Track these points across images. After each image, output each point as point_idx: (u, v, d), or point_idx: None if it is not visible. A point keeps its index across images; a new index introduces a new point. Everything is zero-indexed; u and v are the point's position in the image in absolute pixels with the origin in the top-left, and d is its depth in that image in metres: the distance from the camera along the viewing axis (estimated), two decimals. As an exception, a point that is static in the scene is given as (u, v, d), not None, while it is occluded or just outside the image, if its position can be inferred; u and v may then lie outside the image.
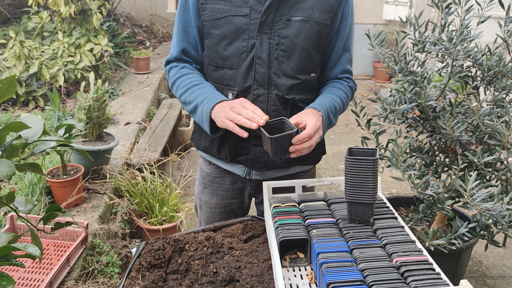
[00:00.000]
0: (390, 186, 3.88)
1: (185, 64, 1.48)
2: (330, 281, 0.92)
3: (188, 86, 1.40)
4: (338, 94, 1.44)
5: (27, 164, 1.08)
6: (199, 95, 1.36)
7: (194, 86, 1.40)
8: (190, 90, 1.39)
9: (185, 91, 1.41)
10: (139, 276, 1.15)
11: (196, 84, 1.40)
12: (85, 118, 2.76)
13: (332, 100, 1.41)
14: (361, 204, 1.12)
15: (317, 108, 1.34)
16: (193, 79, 1.42)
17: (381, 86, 6.96)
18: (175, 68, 1.47)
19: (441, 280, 0.92)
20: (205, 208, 1.63)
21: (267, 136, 1.18)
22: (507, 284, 2.70)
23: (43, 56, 4.33)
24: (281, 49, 1.35)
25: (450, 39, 1.74)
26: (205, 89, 1.38)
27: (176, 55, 1.48)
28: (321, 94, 1.45)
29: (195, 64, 1.50)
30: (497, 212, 1.49)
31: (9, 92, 0.97)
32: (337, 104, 1.41)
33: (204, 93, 1.36)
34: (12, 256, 0.90)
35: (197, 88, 1.39)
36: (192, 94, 1.38)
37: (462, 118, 1.80)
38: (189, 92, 1.39)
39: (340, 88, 1.47)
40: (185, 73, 1.44)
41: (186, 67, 1.46)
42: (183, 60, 1.48)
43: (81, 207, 2.55)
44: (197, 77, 1.43)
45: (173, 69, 1.48)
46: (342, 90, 1.47)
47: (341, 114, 1.50)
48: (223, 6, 1.34)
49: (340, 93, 1.45)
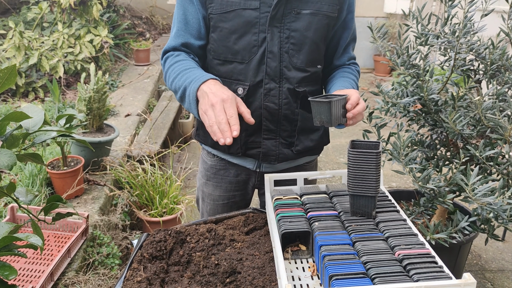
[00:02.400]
0: (390, 179, 3.88)
1: (180, 52, 1.40)
2: (333, 273, 0.92)
3: (179, 71, 1.30)
4: (351, 78, 1.47)
5: (27, 154, 1.07)
6: (188, 78, 1.26)
7: (185, 70, 1.29)
8: (180, 75, 1.29)
9: (175, 77, 1.31)
10: (141, 268, 1.15)
11: (187, 68, 1.30)
12: (85, 110, 2.75)
13: (351, 82, 1.44)
14: (364, 197, 1.12)
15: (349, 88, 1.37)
16: (185, 65, 1.32)
17: (382, 80, 6.94)
18: (170, 57, 1.39)
19: (444, 273, 0.92)
20: (208, 200, 1.63)
21: (324, 102, 1.16)
22: (506, 277, 2.71)
23: (43, 47, 4.31)
24: (291, 43, 1.34)
25: (453, 32, 1.73)
26: (195, 71, 1.27)
27: (174, 45, 1.40)
28: (336, 80, 1.45)
29: (193, 55, 1.42)
30: (498, 206, 1.49)
31: (10, 82, 0.96)
32: (354, 86, 1.44)
33: (193, 74, 1.26)
34: (14, 247, 0.90)
35: (187, 72, 1.29)
36: (181, 78, 1.28)
37: (464, 112, 1.79)
38: (179, 77, 1.29)
39: (351, 73, 1.49)
40: (178, 60, 1.36)
41: (182, 55, 1.38)
42: (182, 51, 1.41)
43: (82, 199, 2.55)
44: (190, 63, 1.33)
45: (168, 59, 1.39)
46: (353, 74, 1.49)
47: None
48: None
49: (352, 77, 1.48)
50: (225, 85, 1.30)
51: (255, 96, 1.38)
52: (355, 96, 1.24)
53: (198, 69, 1.30)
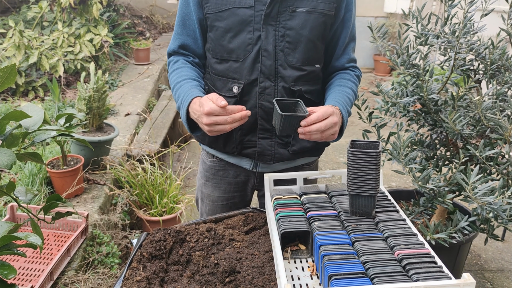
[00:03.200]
0: (390, 179, 3.88)
1: (179, 58, 1.48)
2: (332, 273, 0.92)
3: (174, 83, 1.42)
4: (348, 85, 1.44)
5: (27, 154, 1.07)
6: (179, 96, 1.37)
7: (177, 83, 1.40)
8: (174, 89, 1.40)
9: (172, 89, 1.43)
10: (140, 267, 1.15)
11: (178, 82, 1.40)
12: (85, 109, 2.75)
13: (345, 93, 1.41)
14: (363, 197, 1.12)
15: (333, 104, 1.33)
16: (178, 75, 1.42)
17: (382, 79, 6.94)
18: (170, 63, 1.49)
19: (443, 274, 0.92)
20: (207, 201, 1.63)
21: (278, 112, 1.18)
22: (505, 277, 2.71)
23: (43, 46, 4.31)
24: (286, 41, 1.34)
25: (453, 32, 1.73)
26: (182, 89, 1.37)
27: (174, 48, 1.49)
28: (332, 89, 1.44)
29: (192, 57, 1.49)
30: (498, 206, 1.49)
31: (9, 81, 0.96)
32: (350, 96, 1.42)
33: (180, 94, 1.36)
34: (14, 246, 0.90)
35: (178, 87, 1.39)
36: (175, 94, 1.40)
37: (464, 111, 1.79)
38: (174, 91, 1.41)
39: (349, 79, 1.47)
40: (175, 68, 1.45)
41: (179, 61, 1.47)
42: (180, 53, 1.49)
43: (81, 198, 2.55)
44: (182, 72, 1.43)
45: (170, 65, 1.50)
46: (351, 81, 1.47)
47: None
48: None
49: (350, 84, 1.45)
50: (221, 83, 1.41)
51: (250, 95, 1.39)
52: (317, 114, 1.20)
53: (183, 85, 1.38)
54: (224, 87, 1.41)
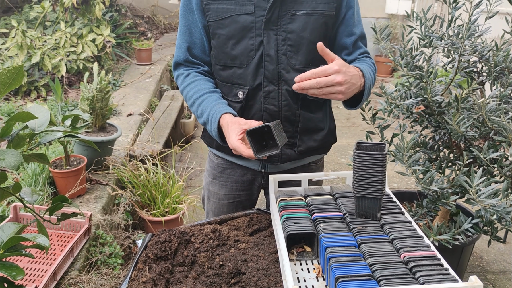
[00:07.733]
0: (392, 180, 3.88)
1: (190, 70, 1.46)
2: (339, 275, 0.92)
3: (193, 99, 1.41)
4: (368, 63, 1.41)
5: (33, 155, 1.07)
6: (203, 112, 1.37)
7: (198, 98, 1.40)
8: (195, 104, 1.40)
9: (192, 104, 1.42)
10: (146, 268, 1.15)
11: (198, 97, 1.39)
12: (88, 109, 2.75)
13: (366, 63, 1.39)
14: (369, 199, 1.12)
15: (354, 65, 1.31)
16: (196, 89, 1.41)
17: (383, 80, 6.94)
18: (181, 76, 1.46)
19: (450, 276, 0.92)
20: (214, 199, 1.64)
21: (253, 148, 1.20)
22: (507, 279, 2.71)
23: (45, 46, 4.31)
24: (288, 44, 1.34)
25: (457, 34, 1.73)
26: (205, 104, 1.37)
27: (183, 57, 1.46)
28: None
29: (201, 66, 1.47)
30: (501, 208, 1.49)
31: (17, 82, 0.96)
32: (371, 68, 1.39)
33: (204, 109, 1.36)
34: (21, 247, 0.90)
35: (199, 102, 1.39)
36: (198, 109, 1.39)
37: (468, 113, 1.79)
38: (195, 106, 1.41)
39: (366, 62, 1.43)
40: (189, 82, 1.43)
41: (191, 74, 1.45)
42: (189, 61, 1.46)
43: (84, 198, 2.55)
44: (199, 86, 1.41)
45: (180, 78, 1.47)
46: (368, 64, 1.42)
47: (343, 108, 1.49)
48: (227, 5, 1.33)
49: (369, 64, 1.42)
50: (227, 89, 1.41)
51: (255, 99, 1.40)
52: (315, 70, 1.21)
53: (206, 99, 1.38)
54: (230, 92, 1.42)
